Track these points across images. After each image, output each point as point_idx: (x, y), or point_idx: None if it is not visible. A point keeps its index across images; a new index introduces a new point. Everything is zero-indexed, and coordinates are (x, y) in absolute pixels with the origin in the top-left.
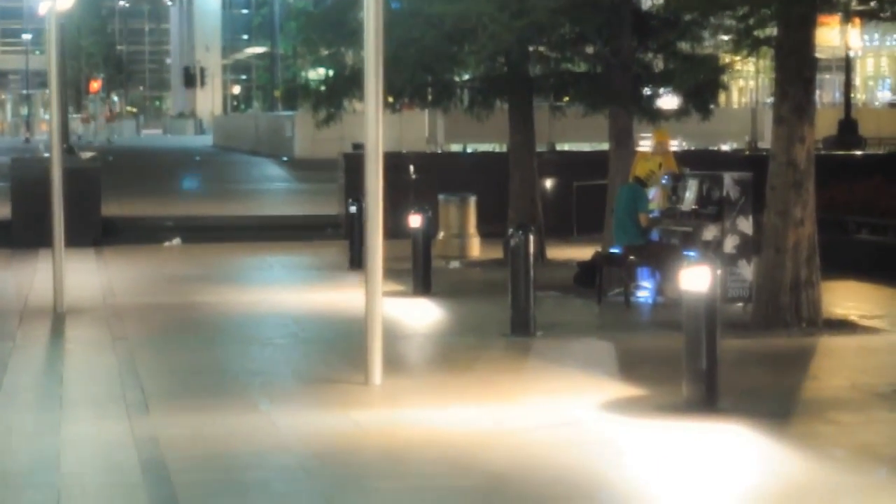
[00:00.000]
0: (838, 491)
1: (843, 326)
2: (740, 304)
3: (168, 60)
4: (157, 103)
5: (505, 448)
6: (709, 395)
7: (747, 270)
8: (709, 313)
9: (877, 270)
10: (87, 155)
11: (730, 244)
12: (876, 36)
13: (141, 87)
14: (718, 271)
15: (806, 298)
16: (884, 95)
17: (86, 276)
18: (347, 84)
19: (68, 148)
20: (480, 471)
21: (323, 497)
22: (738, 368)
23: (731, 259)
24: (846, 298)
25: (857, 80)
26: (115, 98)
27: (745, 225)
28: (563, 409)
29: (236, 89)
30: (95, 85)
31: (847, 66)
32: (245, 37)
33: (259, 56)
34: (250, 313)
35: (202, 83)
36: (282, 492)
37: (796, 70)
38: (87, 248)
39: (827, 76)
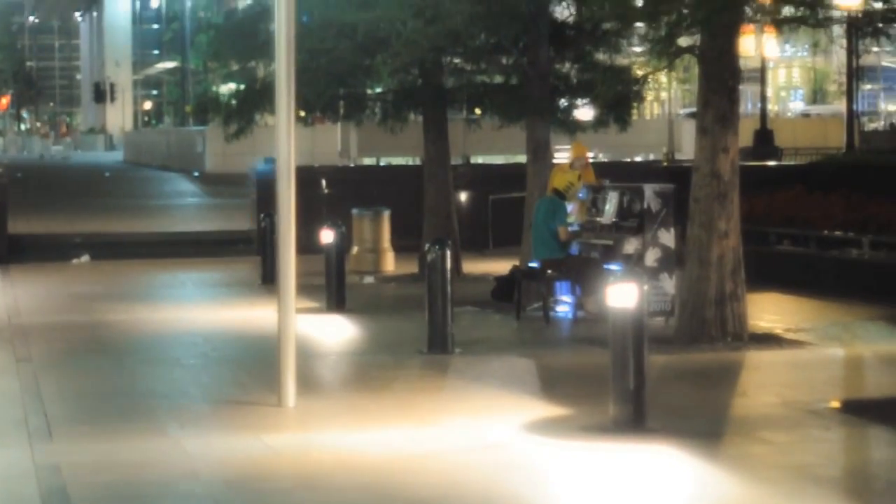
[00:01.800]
0: None
1: (768, 340)
2: (662, 319)
3: (78, 76)
4: (69, 119)
5: (426, 474)
6: (636, 415)
7: (669, 284)
8: (636, 331)
9: (799, 282)
10: None
11: (651, 257)
12: (787, 46)
13: (51, 104)
14: (645, 287)
15: (731, 312)
16: (796, 106)
17: None
18: (258, 97)
19: None
20: (400, 498)
21: None
22: (664, 385)
23: (652, 272)
24: (770, 311)
25: (770, 91)
26: (25, 114)
27: (667, 237)
28: (485, 430)
29: (147, 105)
30: (4, 101)
31: (762, 75)
32: (156, 52)
33: (170, 71)
34: (160, 332)
35: (112, 98)
36: None
37: (720, 79)
38: None
39: (741, 86)
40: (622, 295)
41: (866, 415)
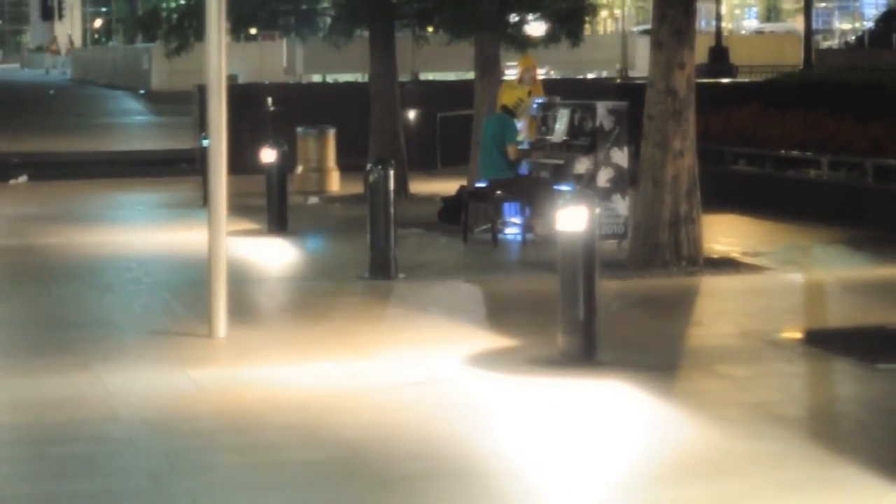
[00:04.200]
0: (736, 459)
1: (725, 265)
2: (615, 242)
3: None
4: (18, 38)
5: (363, 412)
6: (586, 347)
7: (622, 205)
8: (587, 257)
9: (755, 203)
10: None
11: (603, 178)
12: None
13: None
14: (597, 210)
15: (686, 235)
16: (750, 24)
17: None
18: (197, 11)
19: None
20: (335, 441)
21: (149, 477)
22: (616, 314)
23: (605, 193)
24: (725, 234)
25: (724, 9)
26: None
27: (620, 157)
28: (427, 363)
29: (98, 23)
30: None
31: None
32: None
33: None
34: (93, 256)
35: (60, 16)
36: (104, 470)
37: None
38: None
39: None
40: (572, 218)
41: (830, 346)
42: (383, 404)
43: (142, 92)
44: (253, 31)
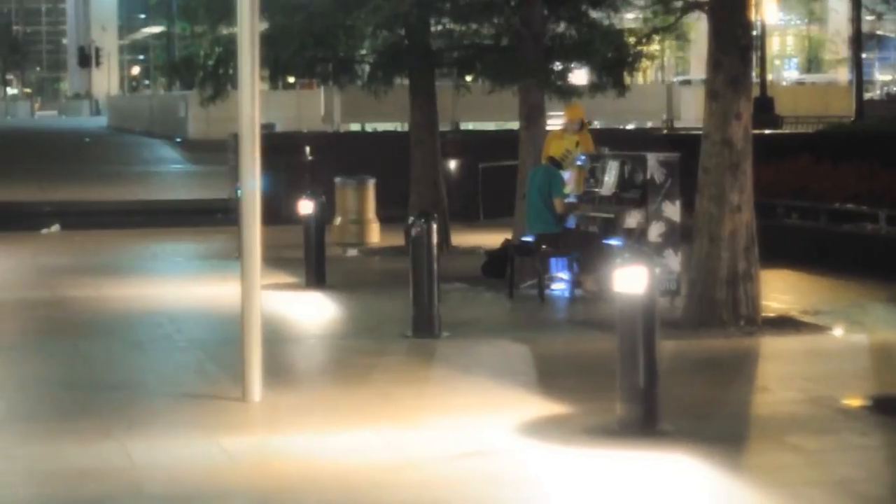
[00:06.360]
0: None
1: (784, 324)
2: (667, 299)
3: (65, 41)
4: (56, 85)
5: (405, 487)
6: (647, 416)
7: (674, 261)
8: (647, 321)
9: (810, 258)
10: None
11: (655, 232)
12: (781, 14)
13: (38, 68)
14: (656, 270)
15: (744, 293)
16: (790, 75)
17: None
18: (232, 58)
19: None
20: None
21: None
22: (675, 377)
23: (656, 248)
24: (782, 291)
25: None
26: (10, 79)
27: (672, 211)
28: (474, 432)
29: (136, 70)
30: None
31: (763, 41)
32: (142, 16)
33: (157, 36)
34: (124, 310)
35: (97, 63)
36: None
37: (732, 37)
38: None
39: None
40: (630, 278)
41: None
42: (429, 479)
43: (178, 140)
44: (291, 79)
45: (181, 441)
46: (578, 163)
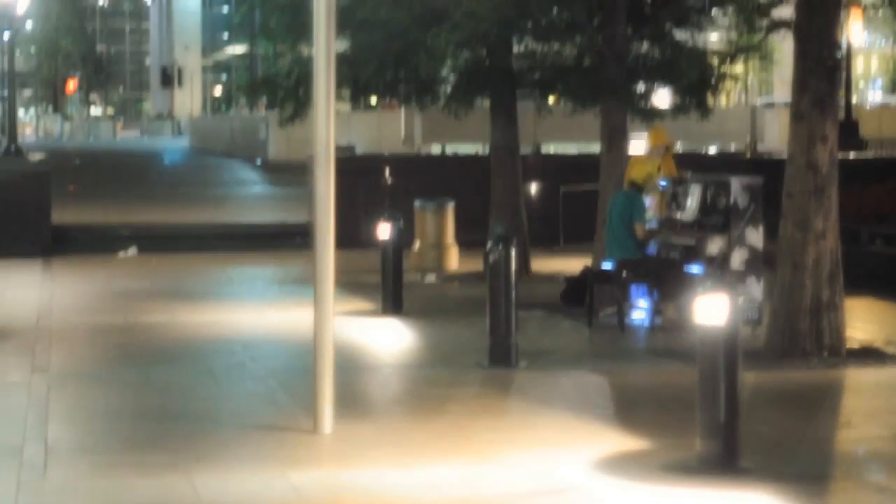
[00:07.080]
0: None
1: (868, 356)
2: (748, 328)
3: (148, 61)
4: (138, 105)
5: None
6: (727, 452)
7: (757, 289)
8: (728, 354)
9: (894, 286)
10: (35, 157)
11: (737, 259)
12: (865, 35)
13: (121, 88)
14: (739, 300)
15: (828, 323)
16: (875, 96)
17: (25, 290)
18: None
19: (15, 150)
20: None
21: None
22: (756, 410)
23: (739, 276)
24: (865, 320)
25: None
26: (94, 100)
27: (755, 237)
28: (552, 468)
29: (218, 90)
30: (72, 84)
31: (848, 62)
32: (226, 36)
33: (240, 56)
34: (197, 337)
35: (180, 83)
36: None
37: (818, 58)
38: (35, 258)
39: None
40: (712, 309)
41: None
42: None
43: (258, 162)
44: (373, 100)
45: (249, 475)
46: (660, 187)
